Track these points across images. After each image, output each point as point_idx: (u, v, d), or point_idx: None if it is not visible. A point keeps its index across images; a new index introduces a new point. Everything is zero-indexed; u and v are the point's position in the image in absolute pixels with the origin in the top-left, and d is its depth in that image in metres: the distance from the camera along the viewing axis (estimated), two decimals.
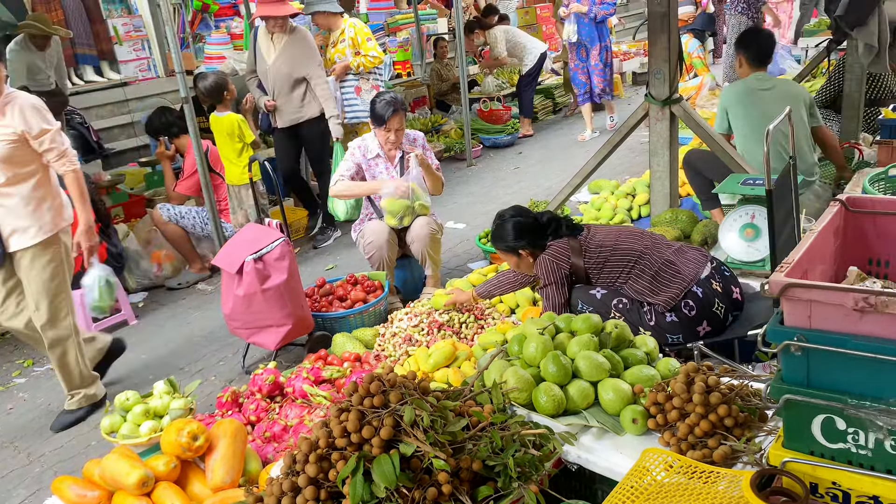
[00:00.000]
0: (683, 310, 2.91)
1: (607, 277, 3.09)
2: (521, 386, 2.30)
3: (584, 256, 3.10)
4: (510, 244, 3.26)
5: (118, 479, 2.44)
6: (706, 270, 2.97)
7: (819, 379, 1.62)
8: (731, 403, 1.99)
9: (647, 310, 2.97)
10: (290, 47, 5.43)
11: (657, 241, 3.09)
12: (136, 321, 4.86)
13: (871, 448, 1.59)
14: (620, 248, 3.06)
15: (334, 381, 3.23)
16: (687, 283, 2.92)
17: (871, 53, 4.89)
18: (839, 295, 1.53)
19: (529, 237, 3.22)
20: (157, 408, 2.99)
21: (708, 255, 3.07)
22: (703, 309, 2.90)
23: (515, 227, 3.23)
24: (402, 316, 3.78)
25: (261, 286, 3.56)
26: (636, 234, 3.13)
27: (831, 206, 2.02)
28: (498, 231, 3.31)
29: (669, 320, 2.93)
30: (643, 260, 3.01)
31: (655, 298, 2.95)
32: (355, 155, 4.32)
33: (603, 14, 7.93)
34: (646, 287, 2.98)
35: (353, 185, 4.26)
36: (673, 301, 2.91)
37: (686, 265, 2.98)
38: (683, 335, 2.93)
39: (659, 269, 2.97)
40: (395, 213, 4.15)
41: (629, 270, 3.03)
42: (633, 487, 1.74)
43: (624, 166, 7.07)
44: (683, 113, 4.01)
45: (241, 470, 2.58)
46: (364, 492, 1.75)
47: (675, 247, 3.09)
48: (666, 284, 2.95)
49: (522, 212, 3.32)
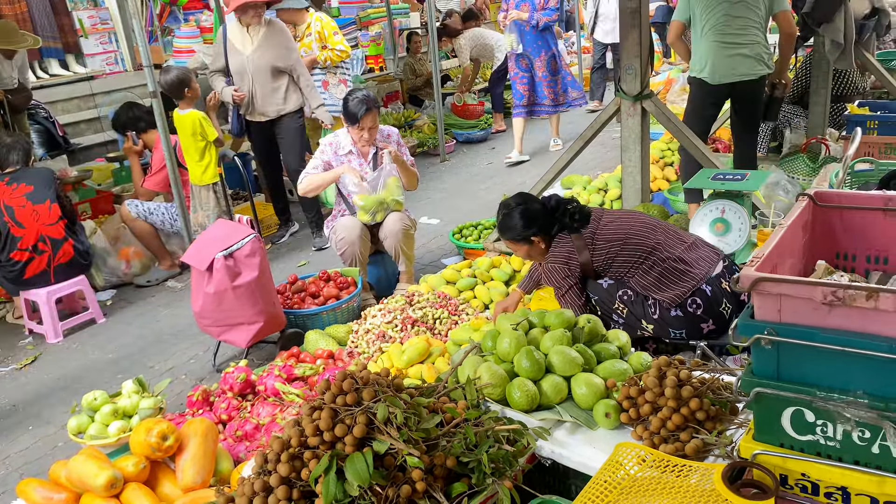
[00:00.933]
0: (690, 307, 2.87)
1: (616, 271, 3.02)
2: (495, 381, 2.30)
3: (592, 253, 3.01)
4: (521, 233, 3.11)
5: (86, 481, 2.39)
6: (717, 269, 2.92)
7: (789, 372, 1.64)
8: (702, 397, 2.01)
9: (652, 303, 2.94)
10: (270, 38, 5.34)
11: (670, 235, 3.01)
12: (103, 319, 4.78)
13: (839, 440, 1.61)
14: (631, 242, 2.97)
15: (307, 378, 3.20)
16: (696, 281, 2.87)
17: (838, 50, 4.97)
18: (808, 289, 1.55)
19: (539, 223, 3.08)
20: (126, 407, 2.94)
21: (721, 254, 3.01)
22: (711, 308, 2.86)
23: (524, 216, 3.09)
24: (376, 312, 3.75)
25: (231, 283, 3.51)
26: (649, 226, 3.01)
27: (800, 201, 2.05)
28: (506, 221, 3.15)
29: (674, 315, 2.89)
30: (654, 255, 2.93)
31: (661, 295, 2.91)
32: (325, 152, 4.27)
33: (546, 21, 7.16)
34: (652, 283, 2.93)
35: (317, 176, 4.22)
36: (679, 298, 2.87)
37: (697, 262, 2.92)
38: (687, 331, 2.90)
39: (669, 266, 2.91)
40: (368, 209, 4.13)
41: (638, 265, 2.96)
42: (607, 482, 1.74)
43: (596, 161, 7.12)
44: (655, 108, 4.04)
45: (212, 470, 2.54)
46: (337, 490, 1.73)
47: (688, 242, 3.01)
48: (674, 282, 2.89)
49: (528, 199, 3.19)
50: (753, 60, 4.42)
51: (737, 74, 4.44)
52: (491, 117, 9.07)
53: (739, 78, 4.45)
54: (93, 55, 7.96)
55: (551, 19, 7.17)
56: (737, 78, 4.45)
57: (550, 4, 7.12)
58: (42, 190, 4.50)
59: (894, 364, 1.49)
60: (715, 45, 4.45)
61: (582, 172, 6.21)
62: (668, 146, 6.17)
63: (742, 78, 4.45)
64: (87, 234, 4.95)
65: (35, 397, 3.86)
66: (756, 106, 4.65)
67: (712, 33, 4.43)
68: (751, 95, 4.56)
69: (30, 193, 4.46)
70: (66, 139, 6.83)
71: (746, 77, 4.44)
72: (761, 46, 4.44)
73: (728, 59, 4.43)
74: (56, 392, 3.90)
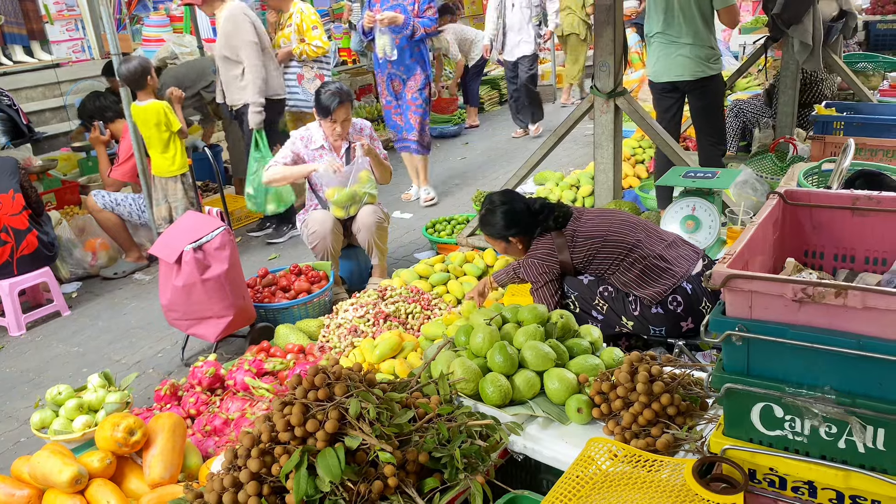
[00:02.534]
0: (670, 305, 2.88)
1: (596, 269, 3.02)
2: (468, 377, 2.30)
3: (572, 251, 3.01)
4: (500, 232, 3.12)
5: (49, 477, 2.34)
6: (697, 267, 2.94)
7: (759, 368, 1.66)
8: (673, 392, 2.02)
9: (633, 300, 2.94)
10: (223, 26, 5.23)
11: (650, 233, 3.01)
12: (69, 312, 4.68)
13: (807, 435, 1.64)
14: (612, 240, 2.96)
15: (277, 373, 3.17)
16: (677, 279, 2.88)
17: (806, 51, 5.03)
18: (779, 286, 1.57)
19: (520, 225, 3.09)
20: (92, 402, 2.88)
21: (700, 252, 3.03)
22: (691, 306, 2.88)
23: (506, 215, 3.09)
24: (348, 307, 3.73)
25: (200, 276, 3.46)
26: (630, 224, 3.01)
27: (770, 199, 2.07)
28: (488, 217, 3.15)
29: (654, 312, 2.90)
30: (634, 253, 2.93)
31: (642, 292, 2.91)
32: (296, 144, 4.22)
33: (423, 31, 5.72)
34: (633, 280, 2.93)
35: (287, 169, 4.16)
36: (660, 296, 2.88)
37: (678, 261, 2.93)
38: (667, 329, 2.91)
39: (649, 264, 2.91)
40: (341, 203, 4.09)
41: (619, 263, 2.96)
42: (579, 477, 1.75)
43: (569, 158, 7.15)
44: (628, 106, 4.06)
45: (180, 465, 2.51)
46: (308, 486, 1.72)
47: (668, 240, 3.01)
48: (654, 279, 2.90)
49: (513, 198, 3.16)
50: (693, 61, 4.49)
51: (676, 75, 4.53)
52: (465, 112, 9.07)
53: (678, 78, 4.53)
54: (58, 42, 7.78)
55: (429, 30, 5.79)
56: (676, 78, 4.54)
57: (428, 13, 5.75)
58: (5, 179, 4.39)
59: (861, 360, 1.51)
60: (658, 46, 4.55)
61: (555, 169, 6.24)
62: (639, 144, 6.22)
63: (681, 78, 4.53)
64: (53, 225, 4.85)
65: None
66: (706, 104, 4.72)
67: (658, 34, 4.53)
68: (700, 94, 4.64)
69: None
70: (31, 127, 6.67)
71: (685, 78, 4.53)
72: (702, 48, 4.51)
73: (670, 60, 4.51)
74: (19, 386, 3.82)
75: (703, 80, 4.55)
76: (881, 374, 1.51)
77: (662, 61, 4.57)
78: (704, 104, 4.70)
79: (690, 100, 4.73)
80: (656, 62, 4.62)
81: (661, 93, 4.72)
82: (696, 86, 4.57)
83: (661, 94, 4.72)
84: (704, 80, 4.56)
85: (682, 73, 4.53)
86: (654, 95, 4.82)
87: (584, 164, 6.26)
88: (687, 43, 4.46)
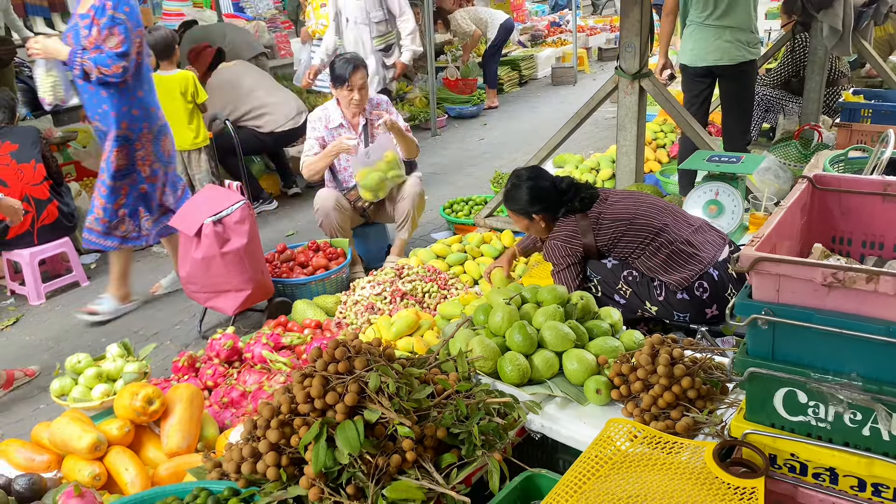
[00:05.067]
0: (696, 291, 2.83)
1: (621, 252, 2.97)
2: (487, 355, 2.29)
3: (597, 233, 2.95)
4: (524, 207, 3.06)
5: (69, 443, 2.37)
6: (724, 253, 2.89)
7: (783, 353, 1.64)
8: (694, 376, 2.01)
9: (658, 285, 2.89)
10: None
11: (678, 217, 2.95)
12: (87, 283, 4.72)
13: (830, 421, 1.62)
14: (638, 223, 2.90)
15: (294, 347, 3.18)
16: (704, 265, 2.83)
17: (836, 36, 4.95)
18: (808, 270, 1.54)
19: (545, 203, 3.02)
20: (111, 371, 2.91)
21: (726, 238, 2.98)
22: (716, 293, 2.83)
23: (532, 191, 3.02)
24: (365, 284, 3.73)
25: (220, 249, 3.47)
26: (657, 208, 2.95)
27: (799, 183, 2.04)
28: (512, 192, 3.09)
29: (680, 298, 2.85)
30: (661, 237, 2.87)
31: (668, 277, 2.86)
32: (316, 129, 4.19)
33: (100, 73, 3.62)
34: (659, 265, 2.88)
35: (315, 158, 4.16)
36: (687, 282, 2.83)
37: (704, 246, 2.88)
38: (691, 315, 2.87)
39: (676, 249, 2.85)
40: (370, 187, 4.06)
41: (644, 247, 2.89)
42: (598, 457, 1.74)
43: (588, 141, 7.09)
44: (652, 87, 4.01)
45: (197, 435, 2.52)
46: (327, 458, 1.72)
47: (695, 225, 2.96)
48: (681, 265, 2.85)
49: (540, 174, 3.09)
50: (734, 46, 4.43)
51: (715, 60, 4.47)
52: (483, 93, 9.01)
53: (716, 63, 4.48)
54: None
55: (110, 71, 3.62)
56: (715, 63, 4.49)
57: (109, 44, 3.62)
58: (27, 149, 4.41)
59: (890, 347, 1.49)
60: (697, 29, 4.48)
61: (574, 151, 6.19)
62: (660, 128, 6.16)
63: (719, 63, 4.48)
64: (73, 196, 4.88)
65: (16, 359, 3.82)
66: (739, 90, 4.66)
67: (701, 17, 4.46)
68: (734, 79, 4.58)
69: (14, 152, 4.38)
70: None
71: (724, 63, 4.47)
72: (745, 31, 4.44)
73: (709, 44, 4.45)
74: (38, 354, 3.86)
75: (741, 64, 4.50)
76: None
77: (701, 45, 4.50)
78: (738, 89, 4.64)
79: (723, 84, 4.66)
80: (694, 46, 4.54)
81: (694, 77, 4.65)
82: (734, 70, 4.51)
83: (694, 79, 4.66)
84: (743, 65, 4.51)
85: (720, 58, 4.47)
86: (685, 79, 4.76)
87: (605, 148, 6.22)
88: (731, 26, 4.40)
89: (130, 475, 2.30)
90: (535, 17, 13.24)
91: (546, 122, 7.95)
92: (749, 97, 4.78)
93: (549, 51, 11.14)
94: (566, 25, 12.28)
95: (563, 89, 10.03)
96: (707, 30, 4.46)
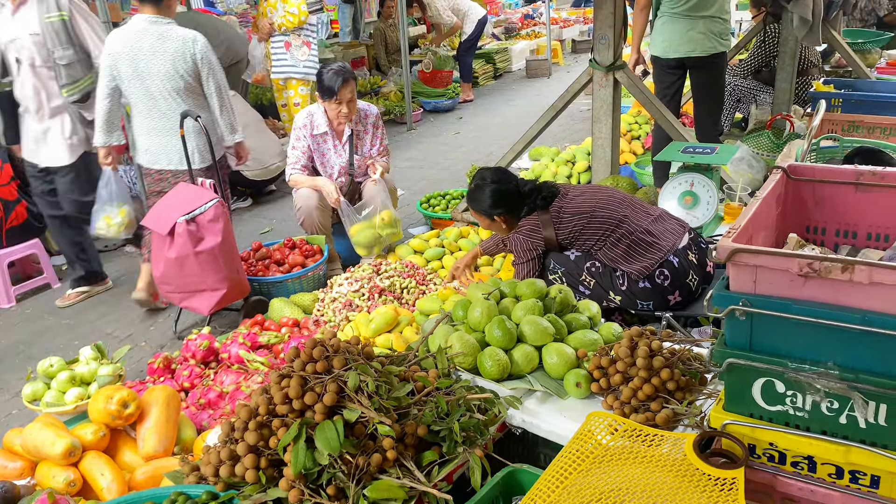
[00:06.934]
0: (658, 279, 2.88)
1: (583, 245, 3.02)
2: (467, 350, 2.28)
3: (557, 228, 3.01)
4: (486, 210, 3.13)
5: (42, 449, 2.32)
6: (684, 241, 2.94)
7: (761, 343, 1.65)
8: (673, 367, 2.02)
9: (620, 275, 2.94)
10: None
11: (637, 208, 3.01)
12: (59, 284, 4.64)
13: (808, 410, 1.63)
14: (598, 216, 2.96)
15: (271, 346, 3.15)
16: (664, 253, 2.88)
17: (806, 26, 4.99)
18: (785, 260, 1.55)
19: (507, 206, 3.10)
20: (84, 374, 2.86)
21: (686, 226, 3.03)
22: (677, 279, 2.88)
23: (494, 194, 3.09)
24: (343, 281, 3.70)
25: (194, 248, 3.42)
26: (616, 200, 3.01)
27: (774, 174, 2.05)
28: (475, 193, 3.16)
29: (642, 287, 2.90)
30: (621, 228, 2.93)
31: (630, 267, 2.91)
32: (301, 138, 4.12)
33: None
34: (620, 255, 2.93)
35: (302, 179, 4.13)
36: (648, 270, 2.88)
37: (664, 234, 2.93)
38: (654, 303, 2.92)
39: (636, 239, 2.91)
40: (364, 244, 4.05)
41: (605, 238, 2.95)
42: (579, 451, 1.74)
43: (564, 133, 7.11)
44: (627, 79, 4.02)
45: (174, 438, 2.49)
46: (307, 459, 1.70)
47: (654, 214, 3.01)
48: (641, 254, 2.90)
49: (504, 177, 3.15)
50: (706, 37, 4.46)
51: (687, 51, 4.50)
52: (459, 86, 8.98)
53: (689, 54, 4.51)
54: None
55: None
56: (687, 54, 4.51)
57: None
58: None
59: (865, 336, 1.50)
60: (670, 21, 4.50)
61: (550, 144, 6.20)
62: (635, 119, 6.18)
63: (691, 54, 4.51)
64: None
65: None
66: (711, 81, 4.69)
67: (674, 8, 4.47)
68: (706, 71, 4.61)
69: None
70: None
71: (696, 54, 4.50)
72: (718, 21, 4.47)
73: (682, 35, 4.47)
74: (9, 358, 3.78)
75: (713, 56, 4.52)
76: (885, 350, 1.50)
77: (673, 36, 4.52)
78: (709, 80, 4.67)
79: (694, 76, 4.69)
80: (666, 37, 4.56)
81: (666, 69, 4.67)
82: (705, 62, 4.54)
83: (666, 70, 4.68)
84: (714, 57, 4.54)
85: (693, 49, 4.49)
86: (656, 71, 4.78)
87: (580, 140, 6.23)
88: (705, 16, 4.42)
89: (106, 480, 2.27)
90: (508, 9, 13.24)
91: (521, 115, 7.96)
92: (720, 88, 4.81)
93: (524, 43, 11.15)
94: (539, 18, 12.29)
95: (538, 82, 10.05)
96: (679, 21, 4.47)
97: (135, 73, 3.68)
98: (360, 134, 4.23)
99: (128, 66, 3.67)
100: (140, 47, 3.65)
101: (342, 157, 4.19)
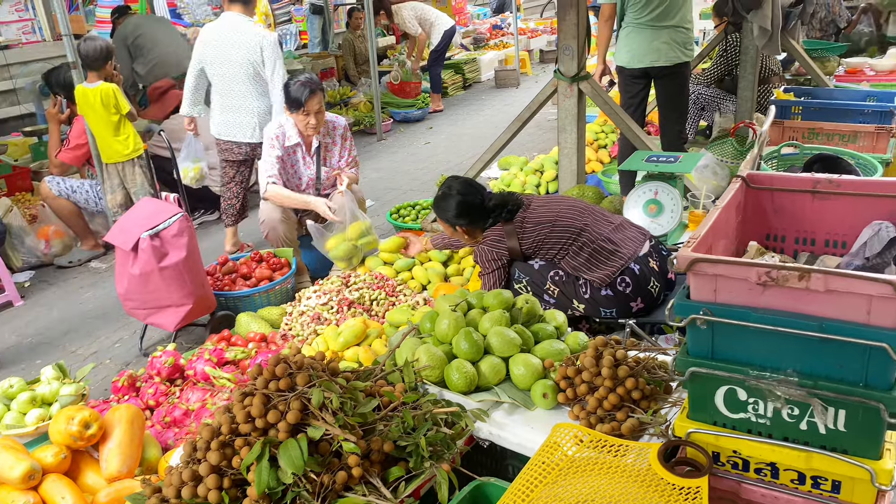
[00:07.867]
0: (619, 286, 2.91)
1: (546, 254, 3.06)
2: (434, 363, 2.27)
3: (521, 237, 3.06)
4: (450, 219, 3.21)
5: (1, 473, 2.26)
6: (644, 248, 2.98)
7: (723, 351, 1.66)
8: (638, 376, 2.03)
9: (583, 283, 2.98)
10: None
11: (598, 217, 3.05)
12: (21, 302, 4.54)
13: (770, 417, 1.65)
14: (560, 225, 3.01)
15: (238, 362, 3.11)
16: (625, 260, 2.92)
17: (765, 36, 5.09)
18: (743, 269, 1.57)
19: (471, 218, 3.17)
20: (45, 395, 2.79)
21: (647, 234, 3.08)
22: (639, 286, 2.92)
23: (459, 206, 3.15)
24: (311, 294, 3.67)
25: (158, 264, 3.37)
26: (577, 209, 3.06)
27: (734, 183, 2.08)
28: (442, 201, 3.22)
29: (604, 294, 2.93)
30: (582, 237, 2.97)
31: (592, 275, 2.95)
32: (274, 147, 4.07)
33: None
34: (582, 264, 2.97)
35: (285, 195, 4.03)
36: (609, 278, 2.91)
37: (625, 243, 2.97)
38: (617, 310, 2.95)
39: (597, 247, 2.95)
40: (341, 258, 4.02)
41: (568, 247, 2.99)
42: (545, 463, 1.74)
43: (532, 143, 7.15)
44: (591, 90, 4.05)
45: (138, 458, 2.44)
46: (270, 478, 1.68)
47: (615, 222, 3.06)
48: (603, 262, 2.94)
49: (471, 190, 3.20)
50: (670, 47, 4.52)
51: (651, 61, 4.55)
52: (428, 97, 9.00)
53: (653, 64, 4.56)
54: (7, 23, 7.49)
55: None
56: (651, 64, 4.57)
57: None
58: None
59: (823, 343, 1.52)
60: (635, 31, 4.55)
61: (519, 153, 6.23)
62: (601, 128, 6.24)
63: (655, 64, 4.56)
64: (2, 213, 4.69)
65: None
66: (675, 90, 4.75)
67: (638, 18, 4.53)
68: (670, 80, 4.67)
69: None
70: None
71: (660, 64, 4.56)
72: (682, 31, 4.53)
73: (646, 45, 4.53)
74: None
75: (677, 66, 4.58)
76: (842, 356, 1.53)
77: (638, 46, 4.56)
78: (674, 90, 4.72)
79: (659, 86, 4.74)
80: (631, 48, 4.61)
81: (631, 79, 4.72)
82: (669, 72, 4.59)
83: (631, 80, 4.73)
84: (678, 66, 4.59)
85: (657, 59, 4.54)
86: (622, 81, 4.83)
87: (548, 149, 6.27)
88: (668, 26, 4.47)
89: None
90: (477, 20, 13.30)
91: (491, 125, 7.99)
92: (684, 97, 4.87)
93: (492, 54, 11.21)
94: (507, 28, 12.36)
95: (507, 92, 10.11)
96: (643, 31, 4.52)
97: (217, 58, 4.48)
98: (328, 146, 4.21)
99: (213, 52, 4.48)
100: (225, 39, 4.45)
101: (311, 170, 4.16)
